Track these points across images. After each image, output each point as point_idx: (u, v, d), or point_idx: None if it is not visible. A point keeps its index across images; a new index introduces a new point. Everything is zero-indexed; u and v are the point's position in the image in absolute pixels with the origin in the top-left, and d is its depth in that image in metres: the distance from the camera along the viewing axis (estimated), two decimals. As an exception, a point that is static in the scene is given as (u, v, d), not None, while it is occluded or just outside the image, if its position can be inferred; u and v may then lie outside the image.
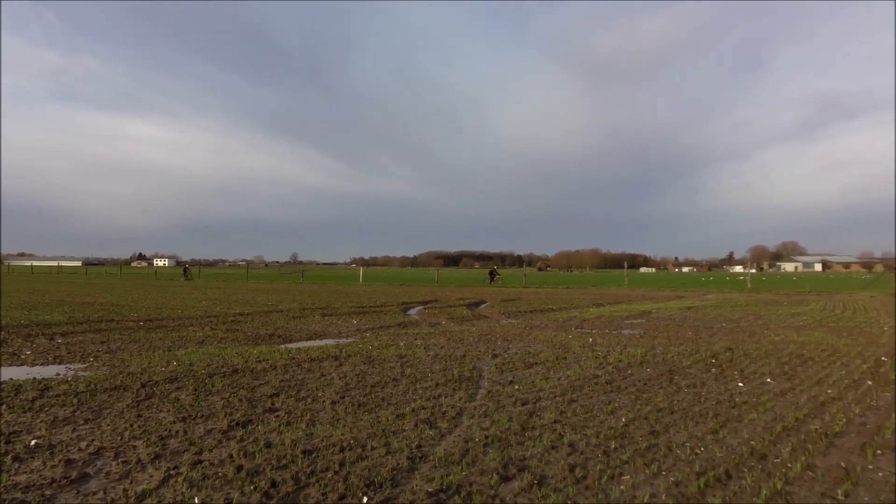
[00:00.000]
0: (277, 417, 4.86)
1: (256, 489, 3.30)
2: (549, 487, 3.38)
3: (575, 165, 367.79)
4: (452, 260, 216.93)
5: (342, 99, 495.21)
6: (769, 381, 6.52)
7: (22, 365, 7.45)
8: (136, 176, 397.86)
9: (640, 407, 5.29)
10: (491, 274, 42.72)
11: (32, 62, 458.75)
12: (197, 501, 3.14)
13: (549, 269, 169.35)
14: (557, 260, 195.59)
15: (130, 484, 3.40)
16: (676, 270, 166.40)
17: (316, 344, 9.60)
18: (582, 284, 41.84)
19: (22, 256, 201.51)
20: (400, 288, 33.71)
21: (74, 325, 11.86)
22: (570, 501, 3.20)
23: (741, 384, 6.34)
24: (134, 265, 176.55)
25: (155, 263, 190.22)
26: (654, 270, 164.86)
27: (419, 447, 4.10)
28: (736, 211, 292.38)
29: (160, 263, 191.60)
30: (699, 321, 13.81)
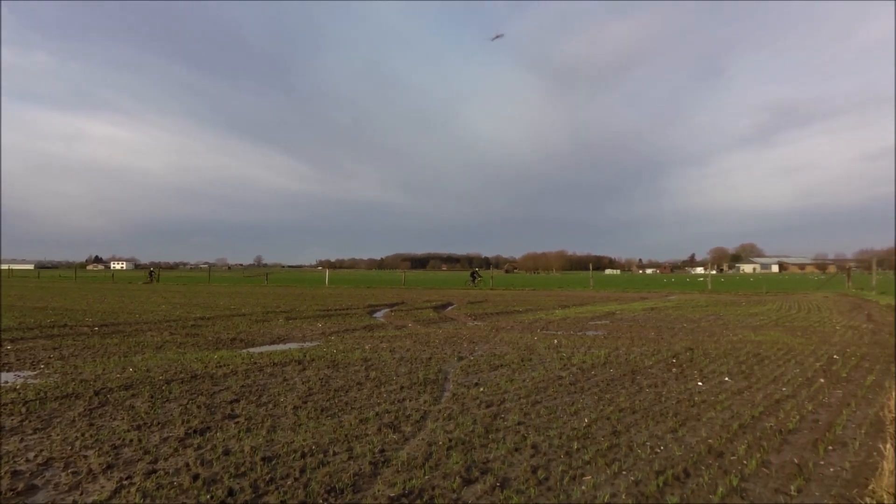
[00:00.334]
0: (237, 424, 4.74)
1: (213, 498, 3.21)
2: (511, 489, 3.39)
3: (541, 168, 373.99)
4: (420, 262, 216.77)
5: (308, 100, 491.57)
6: (727, 379, 6.71)
7: (-35, 373, 7.07)
8: (92, 176, 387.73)
9: (602, 407, 5.37)
10: (472, 276, 42.91)
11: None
12: (149, 513, 3.03)
13: (516, 271, 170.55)
14: (524, 262, 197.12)
15: (80, 495, 3.28)
16: (640, 272, 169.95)
17: (279, 348, 9.42)
18: (548, 286, 42.28)
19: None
20: (366, 290, 33.45)
21: (25, 330, 11.35)
22: (531, 503, 3.22)
23: (700, 383, 6.50)
24: (90, 268, 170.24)
25: (112, 266, 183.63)
26: (619, 272, 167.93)
27: (382, 452, 4.05)
28: (697, 214, 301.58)
29: (118, 266, 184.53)
30: (661, 322, 14.12)
